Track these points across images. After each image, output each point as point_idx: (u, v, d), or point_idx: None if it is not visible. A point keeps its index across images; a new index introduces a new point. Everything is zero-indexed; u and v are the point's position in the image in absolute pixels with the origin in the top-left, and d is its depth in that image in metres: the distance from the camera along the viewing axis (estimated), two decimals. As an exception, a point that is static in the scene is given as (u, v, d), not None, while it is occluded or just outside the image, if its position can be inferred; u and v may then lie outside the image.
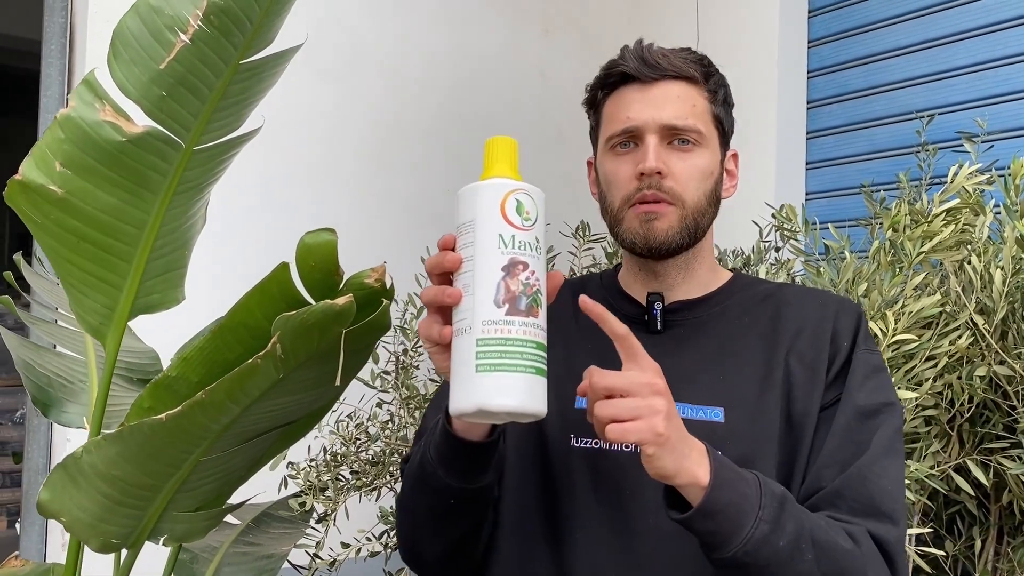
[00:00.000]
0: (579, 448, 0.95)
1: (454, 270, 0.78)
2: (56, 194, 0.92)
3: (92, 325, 1.02)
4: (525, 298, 0.76)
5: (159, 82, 0.92)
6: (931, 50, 2.40)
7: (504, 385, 0.74)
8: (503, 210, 0.77)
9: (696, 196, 0.96)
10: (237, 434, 0.95)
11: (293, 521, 1.55)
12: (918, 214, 1.62)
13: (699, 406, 0.93)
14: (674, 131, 0.95)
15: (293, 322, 0.82)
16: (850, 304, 1.00)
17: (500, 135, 0.82)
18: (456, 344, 0.77)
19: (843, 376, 0.94)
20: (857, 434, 0.90)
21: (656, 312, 0.98)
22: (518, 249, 0.77)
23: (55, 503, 0.89)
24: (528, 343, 0.75)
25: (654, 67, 0.96)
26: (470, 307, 0.76)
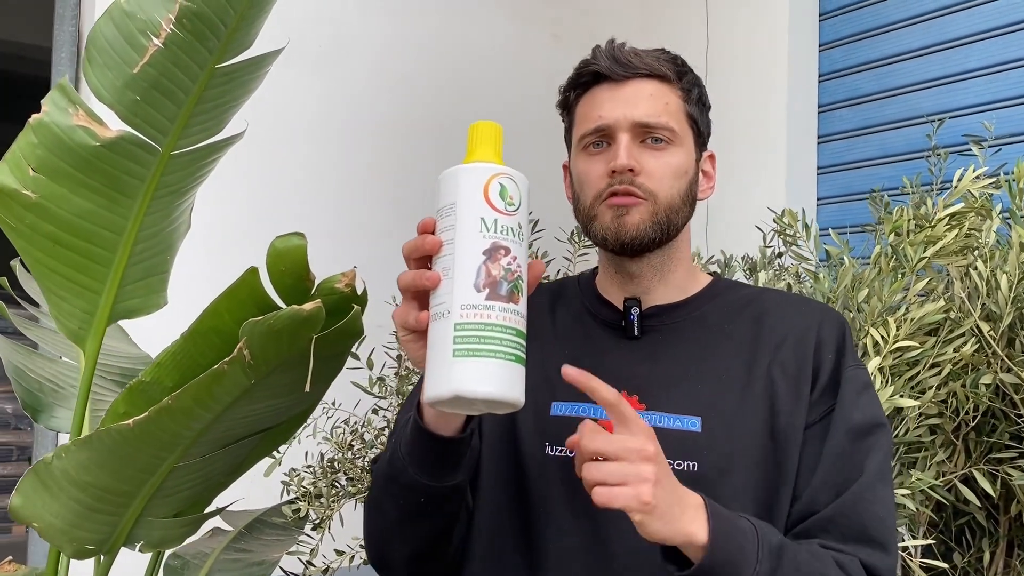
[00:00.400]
0: (554, 457, 0.93)
1: (434, 253, 0.75)
2: (30, 199, 0.92)
3: (71, 329, 1.03)
4: (506, 283, 0.73)
5: (133, 87, 0.92)
6: (943, 53, 2.36)
7: (482, 371, 0.71)
8: (486, 193, 0.75)
9: (669, 193, 0.93)
10: (213, 440, 0.95)
11: (286, 528, 1.55)
12: (922, 219, 1.58)
13: (675, 415, 0.91)
14: (646, 129, 0.93)
15: (260, 327, 0.81)
16: (832, 313, 0.98)
17: (485, 120, 0.80)
18: (433, 329, 0.74)
19: (829, 392, 0.92)
20: (850, 457, 0.89)
21: (633, 317, 0.96)
22: (500, 234, 0.74)
23: (27, 508, 0.89)
24: (508, 329, 0.73)
25: (626, 65, 0.94)
26: (449, 291, 0.73)
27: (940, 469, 1.57)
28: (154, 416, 0.82)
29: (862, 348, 1.51)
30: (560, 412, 0.95)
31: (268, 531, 1.54)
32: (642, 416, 0.91)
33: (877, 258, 1.54)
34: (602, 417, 0.92)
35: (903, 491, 1.46)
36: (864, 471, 0.88)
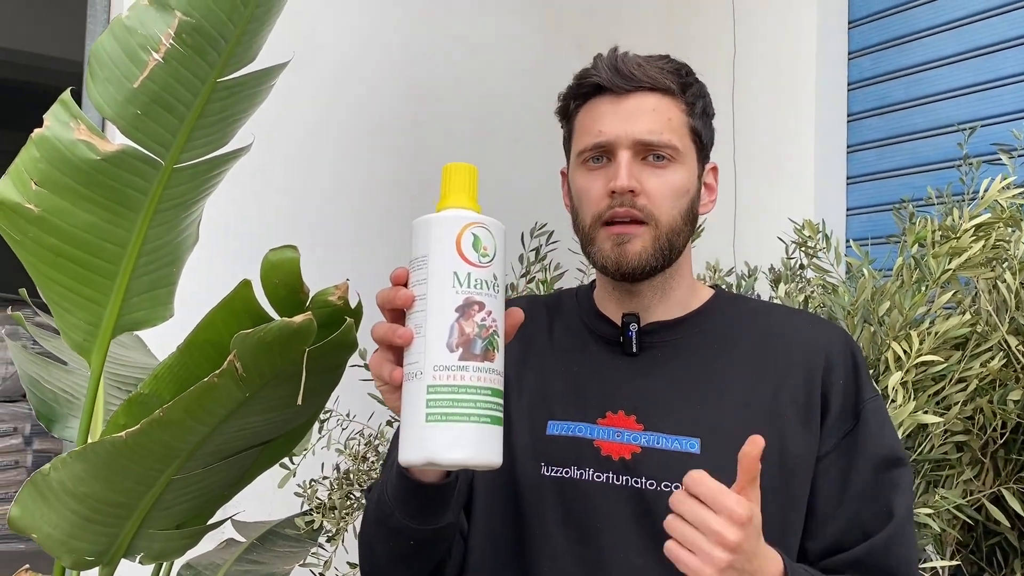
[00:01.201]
0: (549, 477, 0.92)
1: (406, 308, 0.74)
2: (33, 212, 0.93)
3: (76, 342, 1.03)
4: (480, 341, 0.71)
5: (134, 101, 0.93)
6: (975, 60, 2.31)
7: (455, 436, 0.70)
8: (459, 246, 0.72)
9: (671, 215, 0.91)
10: (210, 453, 0.95)
11: (300, 540, 1.55)
12: (948, 230, 1.54)
13: (673, 435, 0.89)
14: (648, 147, 0.91)
15: (251, 340, 0.81)
16: (840, 333, 0.95)
17: (457, 162, 0.77)
18: (406, 389, 0.73)
19: (842, 420, 0.91)
20: (875, 494, 0.89)
21: (631, 334, 0.94)
22: (474, 288, 0.72)
23: (25, 519, 0.90)
24: (482, 390, 0.71)
25: (628, 78, 0.92)
26: (421, 350, 0.72)
27: (967, 488, 1.53)
28: (146, 428, 0.83)
29: (883, 362, 1.47)
30: (556, 431, 0.93)
31: (281, 543, 1.54)
32: (639, 436, 0.89)
33: (899, 270, 1.50)
34: (599, 437, 0.90)
35: (926, 510, 1.42)
36: (894, 513, 0.88)
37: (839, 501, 0.89)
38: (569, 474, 0.91)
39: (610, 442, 0.90)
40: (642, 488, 0.88)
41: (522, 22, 2.73)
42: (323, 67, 2.29)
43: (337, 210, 2.30)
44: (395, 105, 2.44)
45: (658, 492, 0.87)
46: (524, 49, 2.73)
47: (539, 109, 2.81)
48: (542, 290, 1.74)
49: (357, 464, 1.67)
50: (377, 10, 2.43)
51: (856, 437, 0.90)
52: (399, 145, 2.44)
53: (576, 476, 0.90)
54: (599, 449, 0.90)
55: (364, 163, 2.38)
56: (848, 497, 0.88)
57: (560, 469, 0.91)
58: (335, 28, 2.35)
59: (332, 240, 2.25)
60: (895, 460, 0.90)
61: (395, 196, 2.40)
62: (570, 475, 0.90)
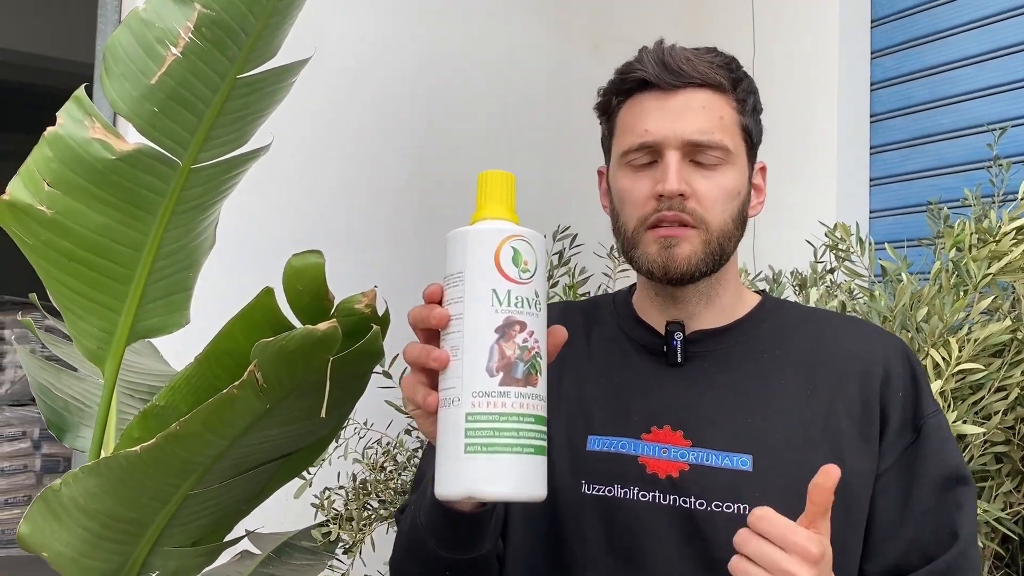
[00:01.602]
0: (591, 496, 0.86)
1: (441, 328, 0.68)
2: (45, 214, 0.89)
3: (90, 349, 0.99)
4: (522, 364, 0.66)
5: (151, 98, 0.88)
6: (1003, 59, 2.25)
7: (496, 469, 0.65)
8: (498, 261, 0.67)
9: (722, 219, 0.86)
10: (228, 467, 0.90)
11: (316, 552, 1.50)
12: (985, 233, 1.49)
13: (723, 452, 0.84)
14: (698, 147, 0.85)
15: (272, 349, 0.77)
16: (895, 342, 0.90)
17: (496, 169, 0.72)
18: (443, 416, 0.68)
19: (902, 435, 0.86)
20: (938, 513, 0.84)
21: (676, 343, 0.89)
22: (515, 306, 0.67)
23: (35, 537, 0.86)
24: (525, 418, 0.66)
25: (676, 73, 0.86)
26: (459, 374, 0.67)
27: (1007, 500, 1.48)
28: (162, 443, 0.78)
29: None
30: (597, 447, 0.88)
31: (297, 555, 1.50)
32: (687, 453, 0.84)
33: (937, 274, 1.45)
34: (644, 453, 0.86)
35: (966, 524, 1.37)
36: (958, 535, 0.82)
37: (899, 521, 0.84)
38: (612, 493, 0.86)
39: (656, 459, 0.85)
40: (691, 508, 0.83)
41: (537, 23, 2.69)
42: (337, 69, 2.25)
43: (353, 214, 2.26)
44: (411, 108, 2.40)
45: (708, 512, 0.82)
46: (540, 50, 2.69)
47: (555, 110, 2.78)
48: (567, 296, 1.70)
49: (375, 474, 1.62)
50: (391, 13, 2.40)
51: (917, 453, 0.85)
52: (415, 147, 2.40)
53: (620, 495, 0.85)
54: (644, 466, 0.85)
55: (380, 166, 2.34)
56: (909, 517, 0.83)
57: (602, 487, 0.86)
58: (349, 31, 2.32)
59: (349, 245, 2.21)
60: (959, 478, 0.85)
61: (413, 199, 2.36)
62: (613, 494, 0.85)
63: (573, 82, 2.69)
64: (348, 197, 2.27)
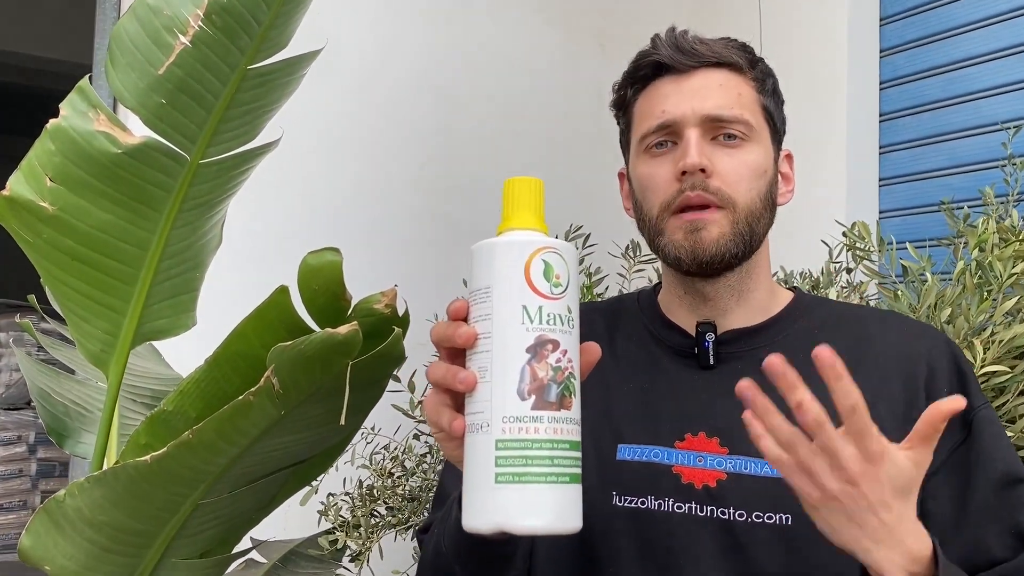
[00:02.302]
0: (623, 508, 0.82)
1: (468, 347, 0.64)
2: (47, 211, 0.85)
3: (93, 352, 0.95)
4: (555, 386, 0.62)
5: (158, 89, 0.84)
6: (1016, 56, 2.22)
7: (529, 501, 0.60)
8: (528, 275, 0.62)
9: (749, 197, 0.82)
10: (240, 475, 0.86)
11: (323, 560, 1.46)
12: (1007, 232, 1.46)
13: (763, 459, 0.78)
14: (718, 123, 0.82)
15: (290, 353, 0.73)
16: (940, 338, 0.86)
17: (522, 176, 0.67)
18: (470, 443, 0.63)
19: (950, 432, 0.80)
20: (999, 512, 0.78)
21: (708, 344, 0.84)
22: (547, 323, 0.62)
23: (38, 550, 0.81)
24: (559, 444, 0.61)
25: (691, 54, 0.83)
26: (487, 397, 0.62)
27: (1031, 506, 1.44)
28: (173, 452, 0.74)
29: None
30: (627, 456, 0.83)
31: (304, 563, 1.46)
32: (724, 461, 0.80)
33: (960, 274, 1.42)
34: (678, 462, 0.81)
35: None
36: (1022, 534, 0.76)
37: (956, 524, 0.78)
38: (645, 504, 0.81)
39: (691, 468, 0.80)
40: (730, 519, 0.78)
41: (543, 22, 2.66)
42: (346, 69, 2.21)
43: (363, 212, 2.23)
44: (419, 107, 2.37)
45: (749, 524, 0.78)
46: (546, 49, 2.66)
47: (563, 109, 2.75)
48: (583, 296, 1.66)
49: (382, 480, 1.58)
50: (398, 13, 2.36)
51: (969, 450, 0.80)
52: (424, 146, 2.36)
53: (653, 507, 0.81)
54: (679, 476, 0.81)
55: (390, 164, 2.30)
56: (967, 519, 0.78)
57: (635, 499, 0.81)
58: (357, 31, 2.28)
59: (360, 244, 2.18)
60: (1018, 476, 0.79)
61: (417, 197, 2.33)
62: (646, 506, 0.81)
63: (580, 81, 2.66)
64: (358, 196, 2.23)
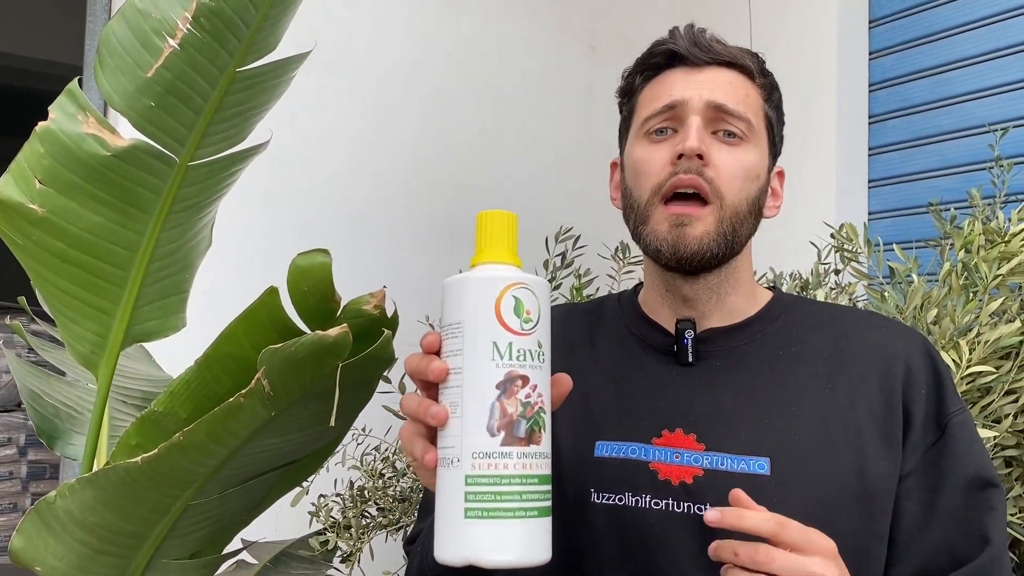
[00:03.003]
0: (601, 505, 0.83)
1: (439, 382, 0.65)
2: (36, 213, 0.85)
3: (82, 354, 0.95)
4: (525, 422, 0.63)
5: (147, 91, 0.85)
6: (1004, 59, 2.24)
7: (499, 536, 0.62)
8: (498, 312, 0.64)
9: (738, 198, 0.83)
10: (230, 476, 0.86)
11: (314, 561, 1.46)
12: (993, 233, 1.47)
13: (740, 456, 0.80)
14: (722, 115, 0.83)
15: (280, 355, 0.73)
16: (918, 339, 0.87)
17: (494, 209, 0.68)
18: (441, 476, 0.64)
19: (926, 433, 0.82)
20: (966, 515, 0.80)
21: (687, 341, 0.85)
22: (516, 360, 0.64)
23: (29, 551, 0.82)
24: (528, 479, 0.63)
25: (707, 50, 0.85)
26: (458, 433, 0.63)
27: (1018, 504, 1.45)
28: (164, 453, 0.75)
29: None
30: (605, 453, 0.84)
31: (295, 564, 1.46)
32: (701, 458, 0.81)
33: (947, 275, 1.43)
34: (655, 459, 0.82)
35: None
36: (990, 539, 0.78)
37: (926, 523, 0.80)
38: (623, 501, 0.82)
39: (668, 464, 0.81)
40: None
41: (533, 24, 2.67)
42: (335, 69, 2.22)
43: (352, 214, 2.23)
44: (409, 107, 2.37)
45: None
46: (536, 51, 2.67)
47: (552, 110, 2.76)
48: (573, 298, 1.66)
49: (373, 481, 1.58)
50: (387, 13, 2.37)
51: (942, 452, 0.81)
52: (414, 147, 2.37)
53: (631, 503, 0.82)
54: (656, 473, 0.82)
55: (378, 165, 2.30)
56: (936, 519, 0.80)
57: (613, 496, 0.82)
58: (346, 31, 2.28)
59: (349, 245, 2.18)
60: (988, 479, 0.81)
61: (407, 199, 2.33)
62: (624, 502, 0.82)
63: (570, 83, 2.67)
64: (348, 197, 2.23)
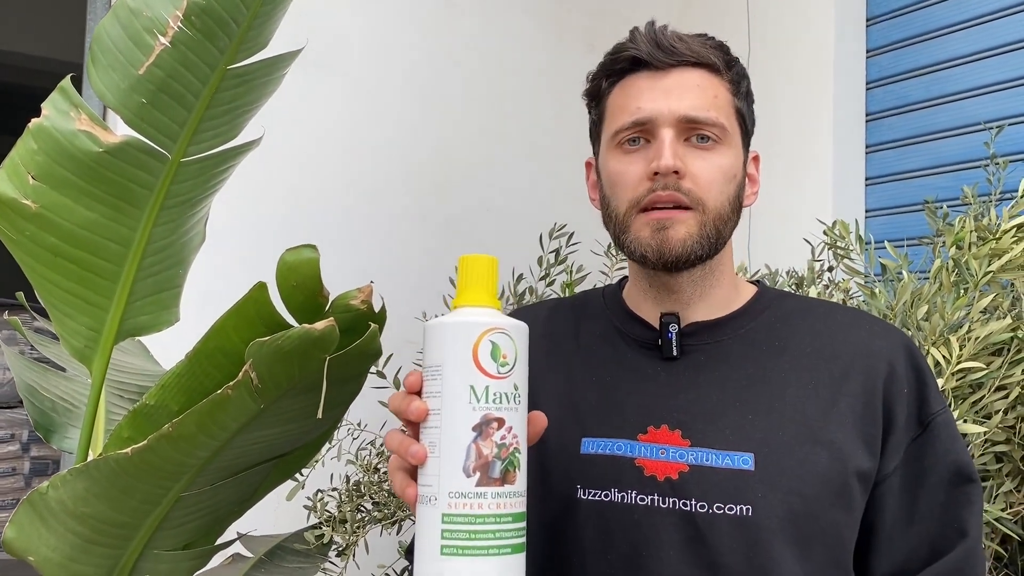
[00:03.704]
0: (587, 501, 0.84)
1: (420, 421, 0.68)
2: (30, 209, 0.86)
3: (77, 348, 0.97)
4: (500, 463, 0.66)
5: (139, 89, 0.86)
6: (999, 57, 2.25)
7: (473, 573, 0.65)
8: (476, 356, 0.67)
9: (719, 201, 0.83)
10: (221, 468, 0.88)
11: (309, 555, 1.48)
12: (985, 231, 1.48)
13: (724, 451, 0.81)
14: (693, 125, 0.83)
15: (268, 348, 0.75)
16: (901, 338, 0.88)
17: (475, 254, 0.71)
18: (420, 512, 0.67)
19: (906, 432, 0.83)
20: (946, 509, 0.82)
21: (671, 335, 0.86)
22: (492, 403, 0.66)
23: (21, 541, 0.83)
24: (502, 518, 0.66)
25: (669, 51, 0.84)
26: (436, 472, 0.66)
27: (1008, 500, 1.46)
28: (154, 444, 0.76)
29: (922, 369, 1.41)
30: (591, 450, 0.85)
31: (290, 558, 1.47)
32: (686, 454, 0.82)
33: (937, 272, 1.44)
34: (641, 455, 0.83)
35: (968, 524, 1.36)
36: (967, 532, 0.80)
37: (909, 518, 0.82)
38: (609, 497, 0.83)
39: (654, 460, 0.82)
40: (692, 511, 0.80)
41: (532, 22, 2.68)
42: (331, 67, 2.23)
43: (348, 210, 2.24)
44: (405, 105, 2.38)
45: (710, 515, 0.80)
46: (535, 49, 2.68)
47: (550, 109, 2.77)
48: (564, 294, 1.67)
49: (368, 475, 1.60)
50: (385, 11, 2.38)
51: (924, 449, 0.83)
52: (409, 145, 2.38)
53: (617, 499, 0.82)
54: (642, 469, 0.82)
55: (371, 166, 2.32)
56: (918, 514, 0.81)
57: (599, 492, 0.83)
58: (342, 29, 2.29)
59: (342, 241, 2.19)
60: (968, 475, 0.83)
61: (405, 196, 2.34)
62: (610, 498, 0.83)
63: (568, 81, 2.67)
64: (345, 195, 2.25)
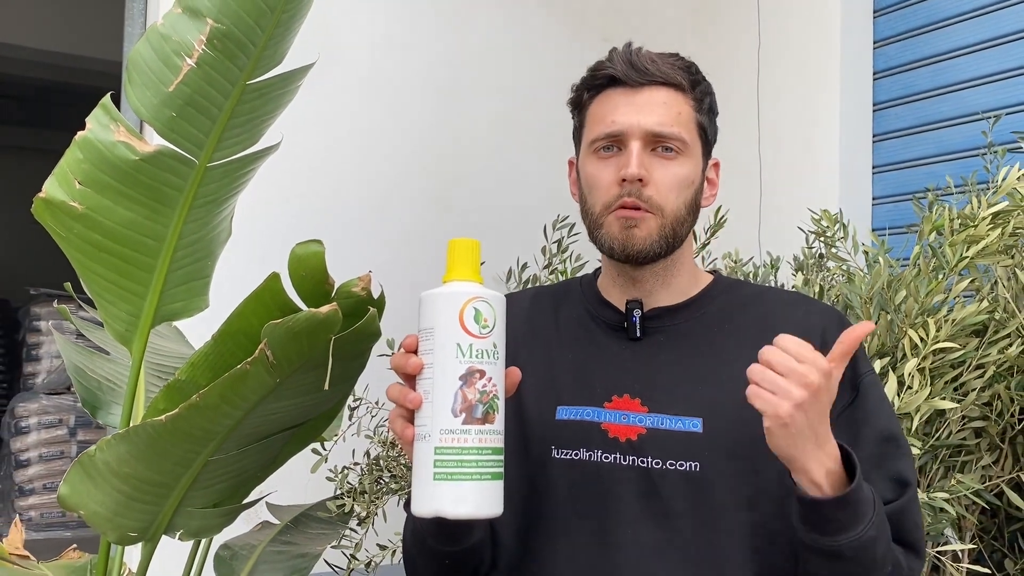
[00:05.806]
0: (559, 459, 0.97)
1: (416, 374, 0.82)
2: (77, 210, 0.99)
3: (119, 331, 1.10)
4: (481, 406, 0.80)
5: (169, 104, 0.98)
6: (1001, 47, 2.30)
7: (459, 494, 0.79)
8: (461, 319, 0.81)
9: (676, 205, 0.96)
10: (244, 435, 1.00)
11: (331, 523, 1.61)
12: (966, 218, 1.56)
13: (677, 416, 0.93)
14: (658, 138, 0.95)
15: (280, 329, 0.87)
16: (833, 313, 0.99)
17: (461, 237, 0.85)
18: (417, 447, 0.81)
19: (842, 396, 0.91)
20: (883, 460, 0.93)
21: (635, 319, 0.98)
22: (475, 358, 0.81)
23: (73, 497, 0.96)
24: (484, 450, 0.80)
25: (642, 72, 0.96)
26: (429, 414, 0.81)
27: (986, 473, 1.54)
28: (184, 412, 0.88)
29: (900, 350, 1.50)
30: (565, 416, 0.98)
31: (314, 525, 1.60)
32: (644, 419, 0.94)
33: (916, 258, 1.52)
34: (606, 420, 0.95)
35: (943, 495, 1.44)
36: (907, 480, 0.91)
37: None
38: (579, 456, 0.95)
39: (617, 424, 0.95)
40: (648, 467, 0.92)
41: (547, 18, 2.75)
42: (350, 66, 2.33)
43: (362, 206, 2.35)
44: (421, 102, 2.47)
45: (664, 471, 0.92)
46: (549, 44, 2.75)
47: (564, 104, 2.85)
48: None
49: (386, 450, 1.72)
50: (402, 8, 2.47)
51: (856, 410, 0.94)
52: (426, 140, 2.48)
53: (585, 458, 0.95)
54: (607, 432, 0.95)
55: (388, 161, 2.42)
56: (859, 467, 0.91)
57: (570, 452, 0.96)
58: (360, 27, 2.39)
59: (355, 235, 2.31)
60: (896, 433, 0.94)
61: (420, 192, 2.45)
62: (580, 457, 0.95)
63: (582, 74, 2.76)
64: (361, 189, 2.35)
